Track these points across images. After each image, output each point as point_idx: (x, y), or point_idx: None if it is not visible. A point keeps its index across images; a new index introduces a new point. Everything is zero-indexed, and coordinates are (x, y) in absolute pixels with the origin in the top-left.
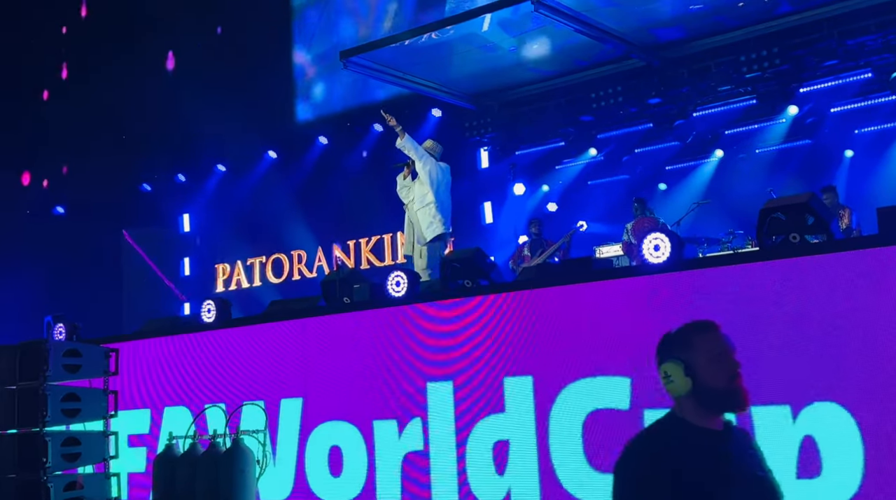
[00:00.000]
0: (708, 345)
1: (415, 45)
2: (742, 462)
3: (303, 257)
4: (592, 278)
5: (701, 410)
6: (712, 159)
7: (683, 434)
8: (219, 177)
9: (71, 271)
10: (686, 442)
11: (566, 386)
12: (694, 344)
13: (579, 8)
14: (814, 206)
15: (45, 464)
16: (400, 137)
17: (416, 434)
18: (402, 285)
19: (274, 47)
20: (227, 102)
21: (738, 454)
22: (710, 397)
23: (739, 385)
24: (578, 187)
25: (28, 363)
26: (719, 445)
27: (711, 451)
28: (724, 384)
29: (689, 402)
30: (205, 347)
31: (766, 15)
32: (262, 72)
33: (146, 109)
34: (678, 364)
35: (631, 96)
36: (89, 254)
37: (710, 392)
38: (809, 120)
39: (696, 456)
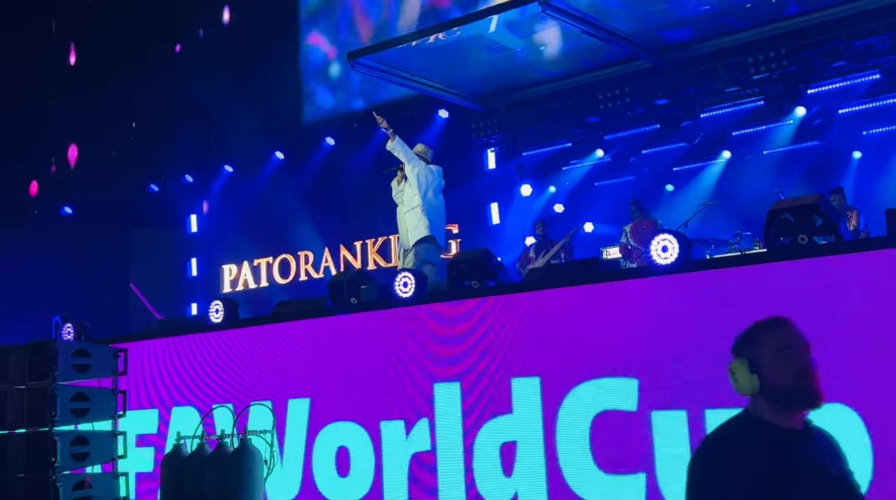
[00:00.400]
0: (774, 341)
1: (422, 46)
2: (819, 462)
3: (309, 257)
4: (600, 280)
5: (775, 408)
6: (720, 161)
7: (758, 432)
8: (226, 178)
9: (79, 272)
10: (760, 440)
11: (574, 387)
12: (760, 340)
13: (586, 9)
14: (822, 207)
15: (53, 464)
16: (391, 140)
17: (423, 435)
18: (410, 286)
19: (282, 48)
20: (234, 103)
21: (815, 453)
22: (779, 395)
23: (809, 382)
24: (585, 188)
25: (37, 363)
26: (795, 444)
27: (786, 450)
28: (792, 382)
29: (762, 400)
30: (213, 347)
31: (774, 16)
32: (270, 73)
33: (154, 110)
34: (742, 362)
35: (638, 97)
36: (97, 254)
37: (778, 390)
38: (817, 121)
39: (770, 455)
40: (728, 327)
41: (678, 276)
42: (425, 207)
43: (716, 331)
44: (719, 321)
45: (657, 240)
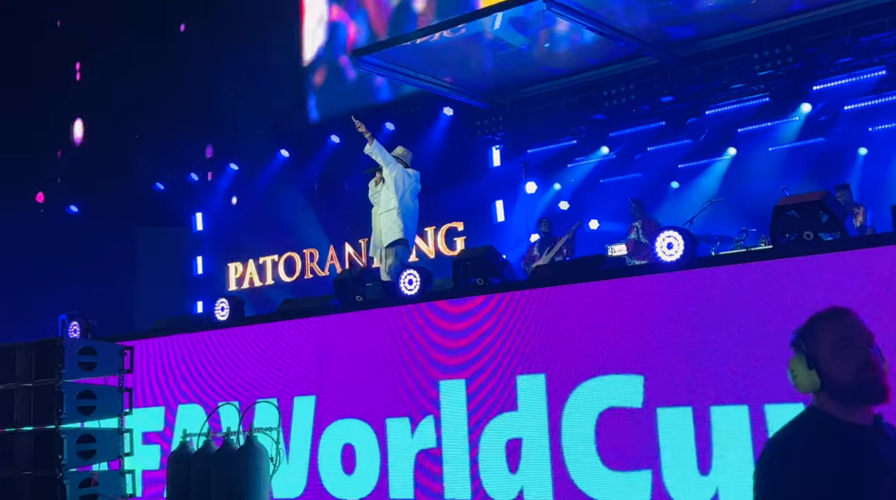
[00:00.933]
0: (832, 334)
1: (426, 43)
2: (889, 459)
3: (315, 255)
4: (605, 277)
5: (840, 403)
6: (725, 157)
7: (824, 429)
8: (231, 176)
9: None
10: (826, 437)
11: (579, 384)
12: (817, 333)
13: (591, 6)
14: (828, 203)
15: (60, 461)
16: (369, 144)
17: (428, 432)
18: (415, 284)
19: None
20: (240, 101)
21: (885, 450)
22: (841, 391)
23: (871, 375)
24: (590, 186)
25: (44, 361)
26: (864, 440)
27: (854, 446)
28: (853, 376)
29: (826, 395)
30: (218, 345)
31: (779, 13)
32: (275, 71)
33: (159, 108)
34: (801, 357)
35: (643, 94)
36: (103, 252)
37: (839, 386)
38: (823, 118)
39: (837, 452)
40: (733, 323)
41: (683, 272)
42: (401, 209)
43: (721, 328)
44: (724, 318)
45: (662, 237)
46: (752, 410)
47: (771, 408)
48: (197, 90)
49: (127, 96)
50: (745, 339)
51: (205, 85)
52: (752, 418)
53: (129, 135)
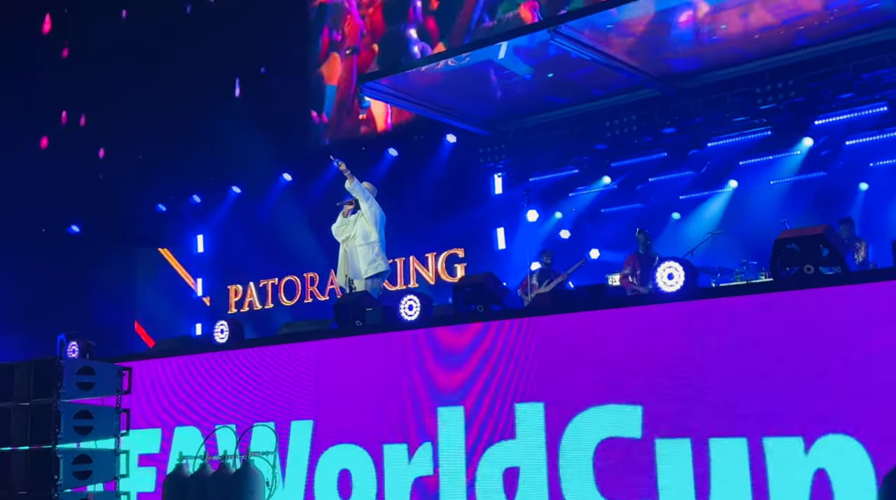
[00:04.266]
0: None
1: (431, 71)
2: None
3: (315, 279)
4: (605, 306)
5: None
6: (726, 190)
7: None
8: (234, 198)
9: (85, 290)
10: None
11: (578, 414)
12: None
13: (595, 37)
14: (829, 238)
15: (56, 481)
16: (349, 181)
17: (425, 459)
18: (415, 309)
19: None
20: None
21: None
22: None
23: None
24: (592, 215)
25: (42, 380)
26: None
27: None
28: None
29: None
30: (217, 367)
31: (782, 47)
32: (279, 95)
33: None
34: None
35: (645, 125)
36: (103, 273)
37: None
38: (824, 152)
39: None
40: (733, 355)
41: (684, 303)
42: (381, 242)
43: (720, 360)
44: (724, 350)
45: (663, 267)
46: (750, 442)
47: (769, 441)
48: (201, 113)
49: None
50: (745, 371)
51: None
52: (750, 450)
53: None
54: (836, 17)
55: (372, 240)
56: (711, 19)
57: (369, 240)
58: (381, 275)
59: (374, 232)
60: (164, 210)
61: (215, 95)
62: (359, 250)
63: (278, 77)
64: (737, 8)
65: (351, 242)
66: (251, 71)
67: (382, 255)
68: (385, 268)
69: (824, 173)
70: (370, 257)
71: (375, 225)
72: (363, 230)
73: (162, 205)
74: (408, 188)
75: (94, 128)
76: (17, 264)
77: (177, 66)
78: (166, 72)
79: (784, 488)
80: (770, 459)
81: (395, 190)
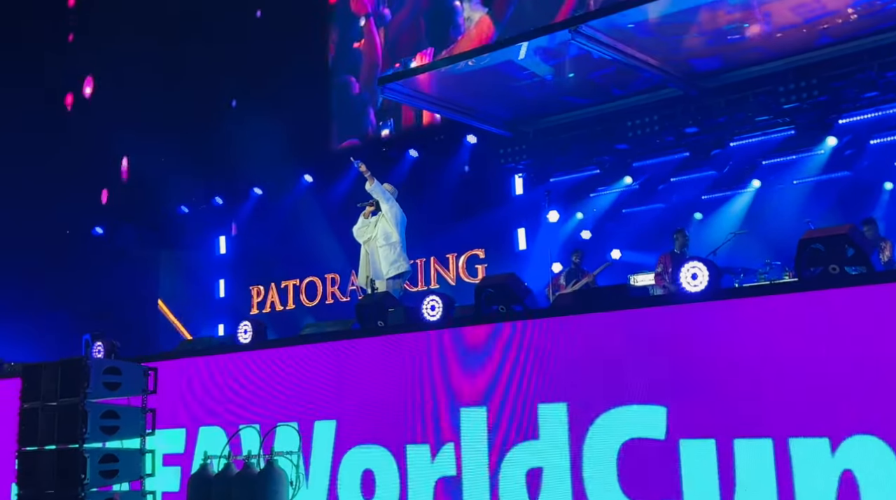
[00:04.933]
0: None
1: (451, 71)
2: None
3: (336, 280)
4: (628, 306)
5: None
6: (749, 190)
7: None
8: (255, 200)
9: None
10: None
11: (601, 414)
12: None
13: (616, 36)
14: (853, 237)
15: (83, 480)
16: (369, 182)
17: (448, 460)
18: (437, 310)
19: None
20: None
21: None
22: None
23: None
24: (613, 215)
25: (69, 380)
26: None
27: None
28: None
29: None
30: (240, 367)
31: (806, 46)
32: (301, 97)
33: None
34: None
35: (667, 125)
36: (127, 274)
37: None
38: (848, 152)
39: None
40: (757, 356)
41: (707, 304)
42: (402, 243)
43: (744, 360)
44: (748, 351)
45: (687, 267)
46: (776, 443)
47: (795, 442)
48: (222, 115)
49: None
50: (770, 372)
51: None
52: (776, 451)
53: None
54: (859, 15)
55: (393, 241)
56: (734, 18)
57: (390, 241)
58: (403, 275)
59: (395, 233)
60: (186, 212)
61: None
62: (380, 250)
63: (300, 78)
64: (759, 7)
65: (372, 243)
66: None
67: (404, 255)
68: (406, 268)
69: (848, 173)
70: (392, 257)
71: (396, 226)
72: (384, 231)
73: (184, 207)
74: (428, 189)
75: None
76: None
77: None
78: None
79: (810, 489)
80: (796, 460)
81: (416, 191)
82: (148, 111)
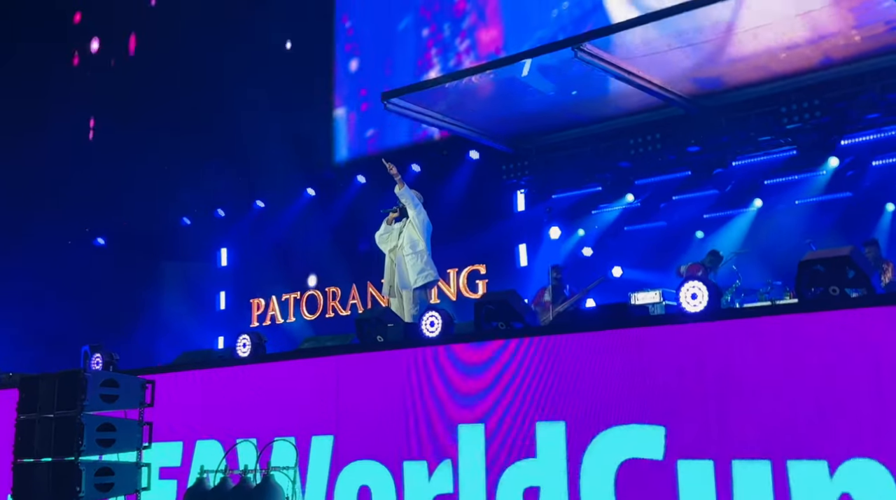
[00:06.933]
0: None
1: (455, 87)
2: None
3: (337, 294)
4: (628, 325)
5: None
6: (751, 209)
7: None
8: (257, 213)
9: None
10: None
11: (599, 433)
12: None
13: (619, 55)
14: (855, 259)
15: (78, 493)
16: (399, 186)
17: (445, 477)
18: (437, 325)
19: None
20: (267, 139)
21: None
22: None
23: None
24: (615, 233)
25: (66, 392)
26: None
27: None
28: None
29: None
30: (238, 381)
31: (808, 67)
32: (303, 112)
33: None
34: None
35: (670, 143)
36: (128, 285)
37: None
38: (850, 173)
39: None
40: (756, 377)
41: (707, 323)
42: (429, 251)
43: (743, 381)
44: (747, 371)
45: (686, 287)
46: (774, 465)
47: (793, 464)
48: (226, 127)
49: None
50: (769, 393)
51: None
52: (774, 473)
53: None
54: (863, 37)
55: (420, 249)
56: (737, 38)
57: (417, 249)
58: (431, 285)
59: (422, 241)
60: (188, 223)
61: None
62: (407, 259)
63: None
64: (763, 26)
65: (398, 252)
66: (277, 84)
67: (431, 263)
68: (435, 277)
69: (850, 194)
70: (419, 266)
71: (423, 233)
72: (411, 239)
73: (186, 218)
74: (430, 204)
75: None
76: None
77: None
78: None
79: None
80: (794, 482)
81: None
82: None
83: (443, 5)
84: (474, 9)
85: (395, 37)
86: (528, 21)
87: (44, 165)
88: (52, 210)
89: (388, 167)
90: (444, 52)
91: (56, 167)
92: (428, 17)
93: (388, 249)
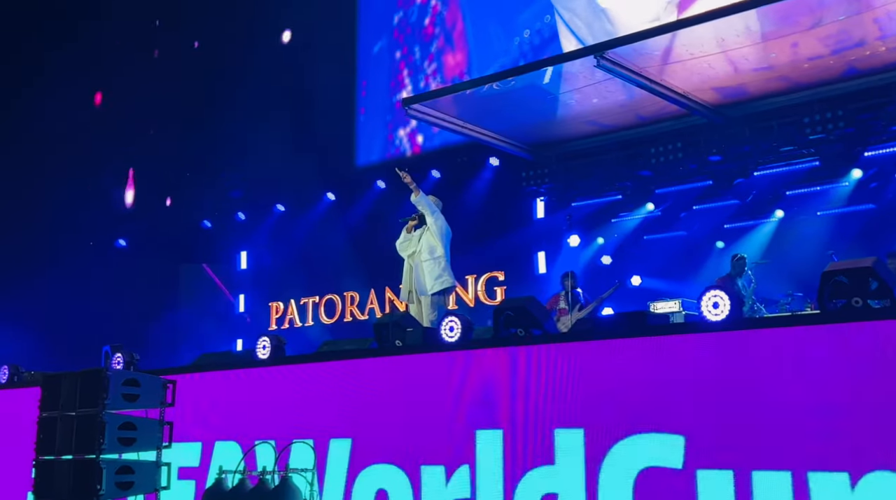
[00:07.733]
0: None
1: (476, 94)
2: None
3: (355, 298)
4: (648, 333)
5: None
6: (772, 220)
7: None
8: (277, 216)
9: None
10: None
11: (618, 441)
12: None
13: (641, 63)
14: (878, 270)
15: (98, 491)
16: (415, 194)
17: (463, 482)
18: (456, 331)
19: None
20: (289, 144)
21: None
22: None
23: None
24: (634, 241)
25: (88, 391)
26: None
27: None
28: None
29: None
30: (258, 383)
31: (832, 77)
32: (325, 115)
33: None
34: None
35: (691, 153)
36: (149, 287)
37: None
38: (874, 184)
39: None
40: (777, 387)
41: (728, 333)
42: (447, 257)
43: (764, 391)
44: (768, 381)
45: (708, 296)
46: (794, 476)
47: (814, 476)
48: (247, 132)
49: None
50: (790, 403)
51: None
52: (794, 484)
53: (180, 173)
54: (888, 48)
55: (437, 255)
56: (761, 47)
57: (435, 255)
58: (448, 291)
59: (440, 247)
60: (208, 227)
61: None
62: (424, 265)
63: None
64: (787, 37)
65: (416, 258)
66: (298, 90)
67: (449, 270)
68: (452, 283)
69: (873, 205)
70: (436, 272)
71: (441, 239)
72: (429, 245)
73: (207, 221)
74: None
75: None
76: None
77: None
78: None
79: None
80: (815, 494)
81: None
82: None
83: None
84: (442, 32)
85: None
86: (490, 47)
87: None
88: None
89: (403, 176)
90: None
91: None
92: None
93: (407, 254)
